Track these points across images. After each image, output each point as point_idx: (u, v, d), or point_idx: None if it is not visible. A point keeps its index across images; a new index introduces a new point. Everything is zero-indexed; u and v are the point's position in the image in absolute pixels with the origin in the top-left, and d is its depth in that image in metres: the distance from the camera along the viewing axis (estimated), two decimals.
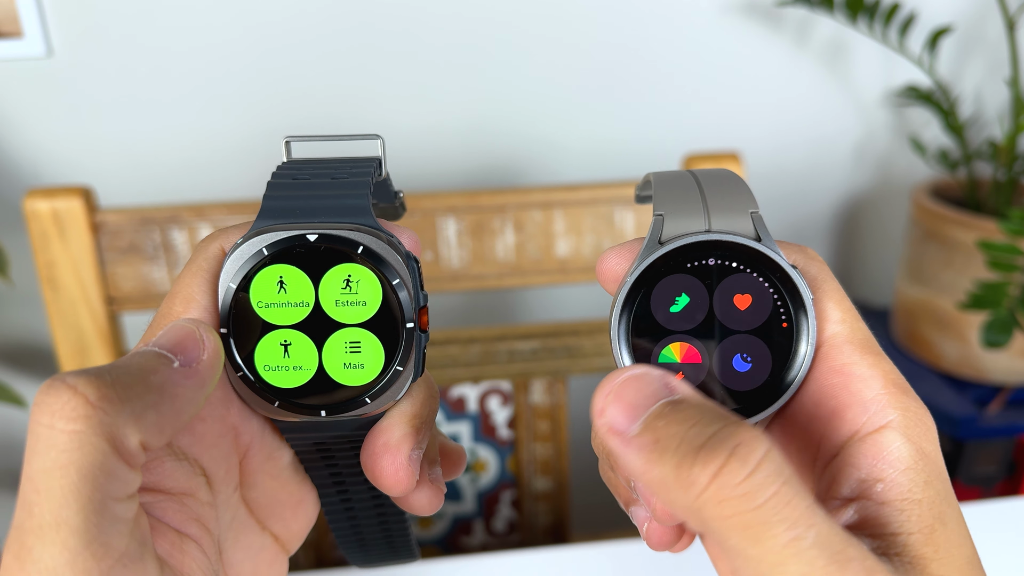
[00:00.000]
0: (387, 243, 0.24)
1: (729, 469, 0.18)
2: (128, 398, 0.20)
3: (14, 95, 0.91)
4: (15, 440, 1.09)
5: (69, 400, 0.19)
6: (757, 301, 0.24)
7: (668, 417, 0.20)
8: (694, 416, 0.19)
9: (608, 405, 0.21)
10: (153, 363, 0.21)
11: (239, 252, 0.24)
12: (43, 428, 0.19)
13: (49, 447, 0.18)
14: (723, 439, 0.18)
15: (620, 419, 0.20)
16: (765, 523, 0.18)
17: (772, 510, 0.18)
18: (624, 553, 0.52)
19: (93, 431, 0.19)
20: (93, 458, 0.19)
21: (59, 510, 0.18)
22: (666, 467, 0.19)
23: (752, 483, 0.18)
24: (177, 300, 0.24)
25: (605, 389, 0.21)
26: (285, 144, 0.28)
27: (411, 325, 0.24)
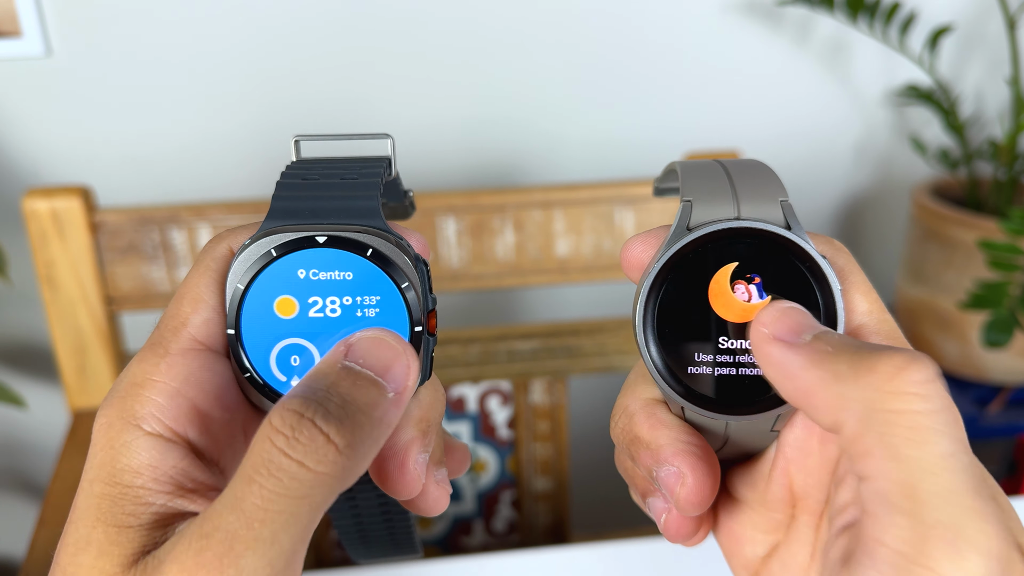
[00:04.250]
0: (396, 246, 0.24)
1: (914, 367, 0.19)
2: (364, 442, 0.21)
3: (13, 95, 0.91)
4: (15, 440, 1.09)
5: (323, 446, 0.20)
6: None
7: (834, 335, 0.21)
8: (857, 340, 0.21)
9: (774, 320, 0.22)
10: (374, 397, 0.21)
11: (247, 253, 0.24)
12: (293, 464, 0.19)
13: (295, 480, 0.19)
14: (901, 350, 0.20)
15: (785, 331, 0.22)
16: (933, 429, 0.19)
17: (941, 420, 0.19)
18: (624, 553, 0.52)
19: (337, 479, 0.20)
20: (327, 499, 0.20)
21: (281, 535, 0.19)
22: (840, 363, 0.20)
23: (932, 387, 0.19)
24: (185, 300, 0.24)
25: (771, 309, 0.22)
26: (294, 143, 0.28)
27: (419, 328, 0.24)
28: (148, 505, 0.21)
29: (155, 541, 0.21)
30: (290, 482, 0.19)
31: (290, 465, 0.19)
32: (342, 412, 0.20)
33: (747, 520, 0.26)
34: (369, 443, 0.21)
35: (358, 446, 0.20)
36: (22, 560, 0.96)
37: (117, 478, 0.22)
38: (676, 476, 0.24)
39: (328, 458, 0.20)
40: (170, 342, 0.23)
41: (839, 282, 0.24)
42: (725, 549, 0.27)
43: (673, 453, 0.24)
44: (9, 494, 1.11)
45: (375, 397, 0.21)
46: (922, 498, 0.18)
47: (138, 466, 0.22)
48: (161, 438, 0.22)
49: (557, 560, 0.52)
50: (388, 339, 0.23)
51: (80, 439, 0.70)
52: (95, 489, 0.22)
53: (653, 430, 0.25)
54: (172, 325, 0.24)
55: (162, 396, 0.23)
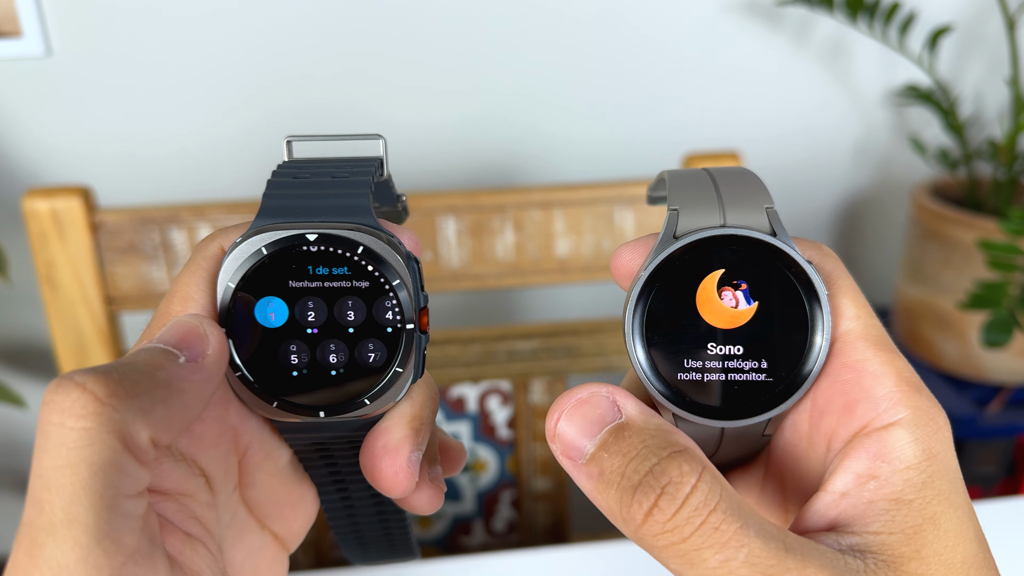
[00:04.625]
0: (387, 243, 0.24)
1: (659, 507, 0.20)
2: (136, 394, 0.20)
3: (13, 95, 0.91)
4: (15, 440, 1.09)
5: (79, 398, 0.19)
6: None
7: (611, 448, 0.21)
8: (635, 447, 0.21)
9: (559, 430, 0.22)
10: (159, 359, 0.21)
11: (238, 251, 0.24)
12: (53, 426, 0.19)
13: (59, 444, 0.18)
14: (657, 476, 0.20)
15: (571, 444, 0.22)
16: (696, 550, 0.20)
17: (700, 538, 0.20)
18: (624, 553, 0.52)
19: (103, 428, 0.19)
20: (104, 455, 0.19)
21: (70, 507, 0.18)
22: (611, 500, 0.21)
23: (679, 518, 0.20)
24: (176, 299, 0.24)
25: (555, 414, 0.22)
26: (286, 144, 0.28)
27: (411, 326, 0.24)
28: None
29: None
30: (58, 448, 0.18)
31: (55, 430, 0.18)
32: (110, 368, 0.20)
33: None
34: (148, 399, 0.20)
35: (129, 398, 0.19)
36: None
37: None
38: None
39: (87, 409, 0.19)
40: None
41: (826, 287, 0.24)
42: None
43: None
44: (9, 494, 1.11)
45: (160, 359, 0.21)
46: None
47: None
48: None
49: (557, 560, 0.52)
50: (184, 318, 0.23)
51: None
52: None
53: None
54: (162, 323, 0.24)
55: None
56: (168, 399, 0.21)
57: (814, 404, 0.24)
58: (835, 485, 0.22)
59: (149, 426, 0.20)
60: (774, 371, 0.24)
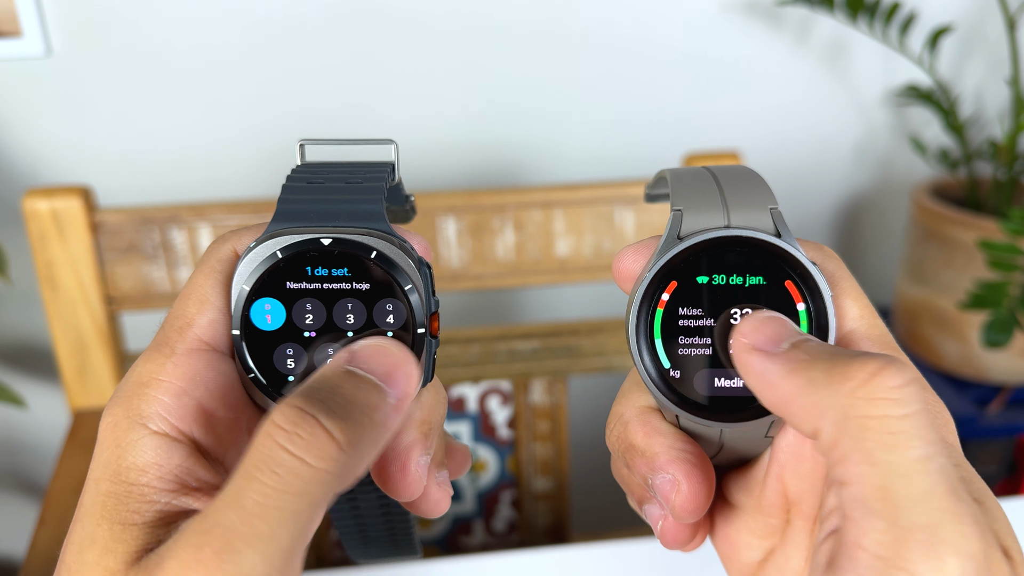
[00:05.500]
0: (400, 248, 0.24)
1: (888, 373, 0.19)
2: (363, 442, 0.21)
3: (13, 95, 0.91)
4: (15, 440, 1.09)
5: (325, 443, 0.20)
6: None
7: (812, 343, 0.22)
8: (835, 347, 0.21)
9: (753, 330, 0.22)
10: (375, 400, 0.22)
11: (253, 255, 0.24)
12: (292, 459, 0.19)
13: (295, 476, 0.19)
14: (877, 355, 0.20)
15: (764, 341, 0.22)
16: (906, 433, 0.19)
17: (915, 424, 0.19)
18: (624, 553, 0.52)
19: (336, 477, 0.20)
20: (326, 498, 0.20)
21: (279, 531, 0.19)
22: (816, 371, 0.20)
23: (906, 392, 0.19)
24: (191, 301, 0.24)
25: (750, 319, 0.23)
26: (299, 147, 0.28)
27: (422, 331, 0.24)
28: (152, 503, 0.21)
29: (158, 539, 0.21)
30: (290, 478, 0.19)
31: (291, 461, 0.19)
32: (344, 411, 0.20)
33: (743, 525, 0.26)
34: (368, 444, 0.21)
35: (358, 445, 0.20)
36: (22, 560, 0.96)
37: (122, 476, 0.22)
38: (671, 484, 0.24)
39: (329, 454, 0.20)
40: (176, 342, 0.24)
41: (830, 288, 0.24)
42: (722, 554, 0.27)
43: (668, 461, 0.24)
44: (9, 494, 1.11)
45: (377, 400, 0.21)
46: (897, 501, 0.19)
47: (144, 464, 0.22)
48: (167, 437, 0.22)
49: (557, 560, 0.52)
50: (390, 347, 0.23)
51: (80, 439, 0.70)
52: (101, 487, 0.22)
53: (648, 438, 0.25)
54: (178, 325, 0.24)
55: (168, 395, 0.23)
56: (380, 444, 0.21)
57: None
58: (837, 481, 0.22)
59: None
60: None
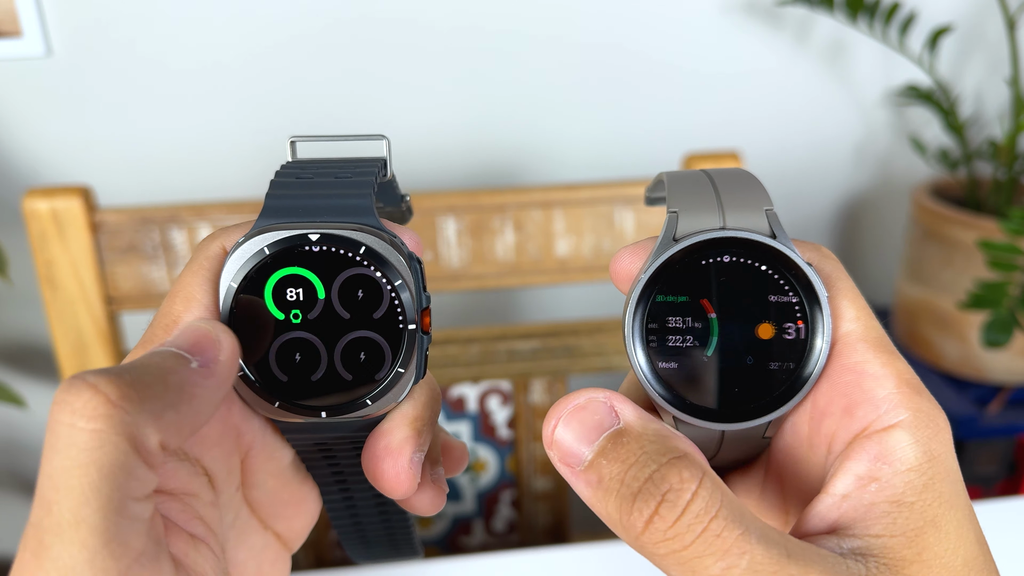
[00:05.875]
0: (389, 244, 0.24)
1: (660, 515, 0.20)
2: (148, 397, 0.20)
3: (13, 95, 0.91)
4: (15, 440, 1.09)
5: (91, 399, 0.19)
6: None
7: (610, 455, 0.21)
8: (634, 453, 0.21)
9: (556, 437, 0.22)
10: (171, 363, 0.21)
11: (240, 251, 0.24)
12: (63, 427, 0.19)
13: (69, 445, 0.18)
14: (656, 483, 0.20)
15: (569, 451, 0.22)
16: (698, 558, 0.19)
17: (702, 546, 0.19)
18: (624, 553, 0.52)
19: (114, 430, 0.19)
20: (114, 457, 0.19)
21: (78, 508, 0.18)
22: (610, 507, 0.21)
23: (680, 526, 0.20)
24: (178, 299, 0.24)
25: (552, 420, 0.22)
26: (290, 144, 0.28)
27: (413, 327, 0.24)
28: None
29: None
30: (68, 449, 0.18)
31: (66, 431, 0.19)
32: (122, 370, 0.20)
33: None
34: (158, 401, 0.20)
35: (141, 401, 0.19)
36: None
37: None
38: None
39: (99, 411, 0.19)
40: (162, 340, 0.23)
41: (826, 289, 0.24)
42: None
43: None
44: (9, 494, 1.11)
45: (172, 363, 0.21)
46: None
47: None
48: None
49: (557, 560, 0.52)
50: (197, 323, 0.23)
51: None
52: None
53: None
54: (164, 323, 0.24)
55: None
56: (179, 403, 0.21)
57: (814, 406, 0.24)
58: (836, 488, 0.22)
59: (159, 430, 0.20)
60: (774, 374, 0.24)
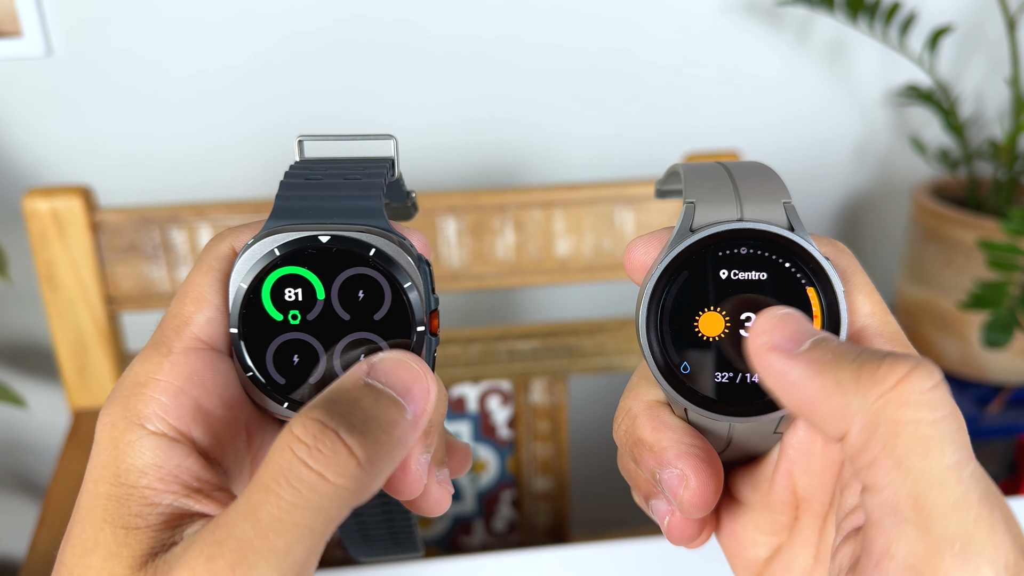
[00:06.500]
0: (399, 246, 0.24)
1: (918, 375, 0.19)
2: (382, 459, 0.20)
3: (13, 95, 0.91)
4: (15, 440, 1.09)
5: (345, 459, 0.19)
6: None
7: (833, 341, 0.21)
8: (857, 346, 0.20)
9: (772, 328, 0.21)
10: (395, 416, 0.21)
11: (250, 252, 0.24)
12: (312, 475, 0.19)
13: (313, 492, 0.19)
14: (904, 356, 0.19)
15: (784, 340, 0.21)
16: (938, 439, 0.18)
17: (947, 429, 0.19)
18: (624, 553, 0.52)
19: (354, 494, 0.20)
20: (342, 513, 0.20)
21: (295, 547, 0.19)
22: (843, 372, 0.19)
23: (936, 395, 0.19)
24: (188, 300, 0.24)
25: (767, 316, 0.21)
26: (298, 143, 0.28)
27: (422, 329, 0.24)
28: (154, 505, 0.21)
29: (163, 542, 0.21)
30: (308, 494, 0.19)
31: (310, 476, 0.19)
32: (364, 427, 0.20)
33: (750, 522, 0.26)
34: (386, 461, 0.21)
35: (377, 462, 0.20)
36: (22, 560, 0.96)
37: (122, 478, 0.21)
38: (679, 479, 0.24)
39: (348, 471, 0.19)
40: (173, 341, 0.23)
41: (842, 284, 0.24)
42: (728, 551, 0.27)
43: (676, 455, 0.24)
44: (9, 494, 1.11)
45: (396, 416, 0.21)
46: (931, 510, 0.18)
47: (143, 466, 0.22)
48: (165, 437, 0.22)
49: (557, 560, 0.52)
50: (410, 361, 0.23)
51: (80, 439, 0.70)
52: (100, 489, 0.21)
53: (656, 432, 0.25)
54: (175, 324, 0.24)
55: (166, 395, 0.22)
56: (396, 460, 0.21)
57: None
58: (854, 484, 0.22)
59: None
60: None
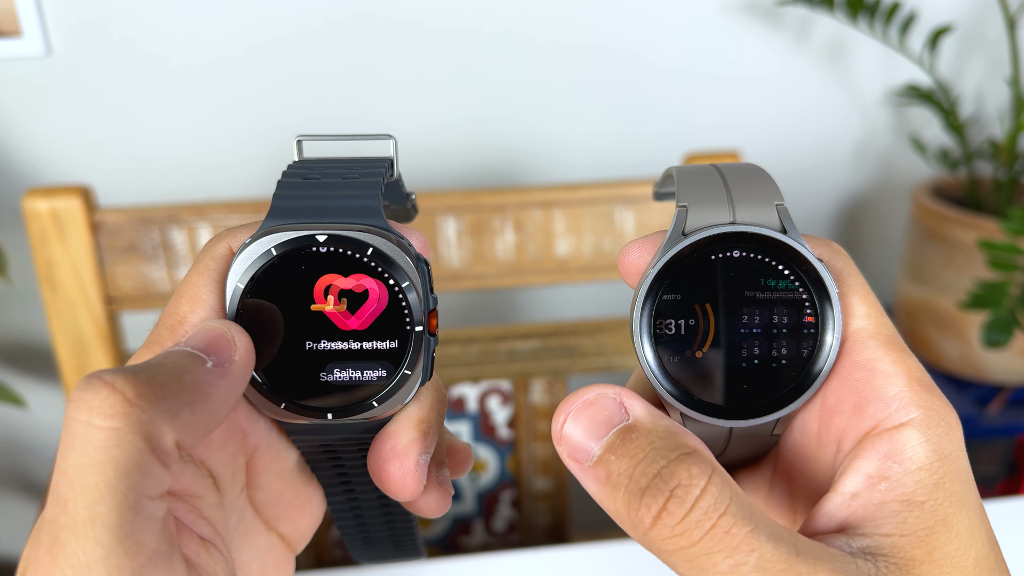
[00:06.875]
0: (397, 245, 0.24)
1: (668, 511, 0.20)
2: (164, 396, 0.20)
3: (13, 95, 0.91)
4: (15, 440, 1.09)
5: (107, 397, 0.19)
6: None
7: (619, 451, 0.21)
8: (643, 449, 0.21)
9: (565, 432, 0.22)
10: (187, 363, 0.21)
11: (247, 252, 0.24)
12: (80, 424, 0.19)
13: (86, 443, 0.18)
14: (665, 479, 0.20)
15: (578, 446, 0.22)
16: (706, 554, 0.19)
17: (711, 543, 0.19)
18: (624, 553, 0.52)
19: (130, 428, 0.19)
20: (130, 455, 0.19)
21: (94, 506, 0.18)
22: (618, 503, 0.21)
23: (689, 522, 0.19)
24: (184, 300, 0.24)
25: (561, 415, 0.22)
26: (296, 143, 0.28)
27: (420, 329, 0.24)
28: None
29: None
30: (84, 447, 0.18)
31: (83, 429, 0.19)
32: (138, 368, 0.20)
33: None
34: (174, 399, 0.20)
35: (157, 400, 0.19)
36: None
37: None
38: None
39: (116, 409, 0.19)
40: (167, 340, 0.23)
41: (836, 285, 0.23)
42: None
43: None
44: (9, 494, 1.11)
45: (188, 363, 0.21)
46: None
47: None
48: None
49: (557, 560, 0.52)
50: (213, 324, 0.23)
51: None
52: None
53: None
54: (170, 323, 0.24)
55: None
56: (195, 403, 0.21)
57: (824, 404, 0.24)
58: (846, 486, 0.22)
59: (175, 429, 0.20)
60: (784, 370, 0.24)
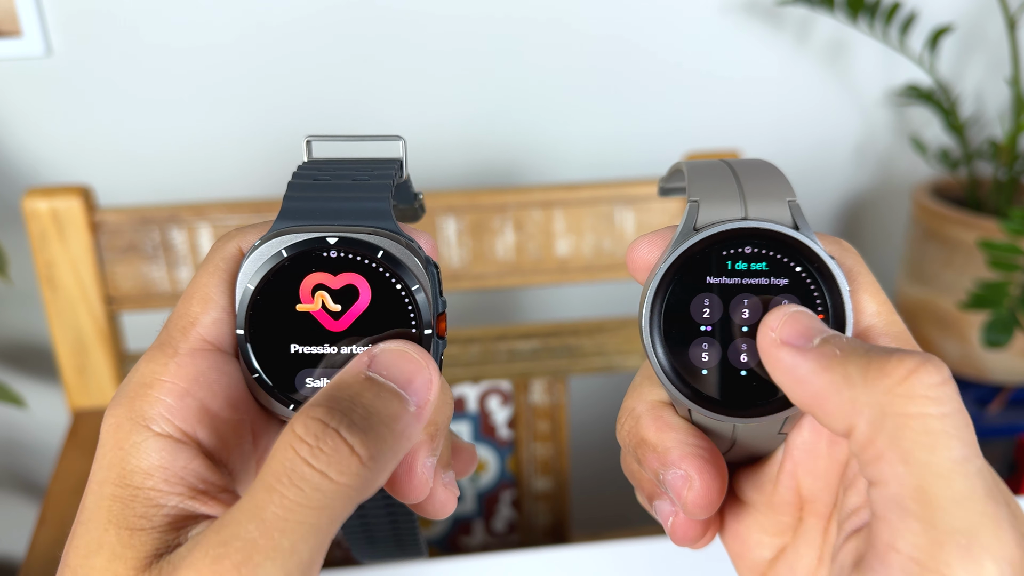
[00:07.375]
0: (407, 248, 0.24)
1: (926, 370, 0.19)
2: (385, 455, 0.20)
3: (13, 94, 0.91)
4: (15, 440, 1.09)
5: (347, 457, 0.19)
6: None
7: (843, 338, 0.21)
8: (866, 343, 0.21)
9: (782, 324, 0.22)
10: (396, 409, 0.21)
11: (258, 253, 0.24)
12: (316, 475, 0.19)
13: (317, 491, 0.19)
14: (912, 352, 0.20)
15: (794, 336, 0.21)
16: (945, 433, 0.19)
17: (953, 424, 0.19)
18: (624, 553, 0.52)
19: (358, 491, 0.20)
20: (346, 511, 0.20)
21: (300, 545, 0.19)
22: (852, 367, 0.20)
23: (944, 390, 0.19)
24: (195, 300, 0.24)
25: (778, 313, 0.22)
26: (306, 143, 0.28)
27: (429, 331, 0.24)
28: (160, 507, 0.21)
29: (168, 544, 0.21)
30: (312, 493, 0.19)
31: (312, 475, 0.19)
32: (366, 423, 0.20)
33: (754, 523, 0.26)
34: (390, 456, 0.21)
35: (379, 458, 0.20)
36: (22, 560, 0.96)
37: (128, 479, 0.21)
38: (683, 479, 0.24)
39: (351, 469, 0.19)
40: (179, 342, 0.23)
41: (848, 283, 0.23)
42: (731, 552, 0.27)
43: (680, 456, 0.24)
44: (9, 494, 1.11)
45: (397, 410, 0.21)
46: (936, 503, 0.18)
47: (149, 467, 0.21)
48: (171, 439, 0.22)
49: (557, 560, 0.52)
50: (411, 352, 0.22)
51: (80, 439, 0.70)
52: (105, 491, 0.21)
53: (660, 433, 0.24)
54: (181, 325, 0.24)
55: (171, 396, 0.22)
56: (399, 453, 0.21)
57: None
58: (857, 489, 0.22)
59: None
60: None
